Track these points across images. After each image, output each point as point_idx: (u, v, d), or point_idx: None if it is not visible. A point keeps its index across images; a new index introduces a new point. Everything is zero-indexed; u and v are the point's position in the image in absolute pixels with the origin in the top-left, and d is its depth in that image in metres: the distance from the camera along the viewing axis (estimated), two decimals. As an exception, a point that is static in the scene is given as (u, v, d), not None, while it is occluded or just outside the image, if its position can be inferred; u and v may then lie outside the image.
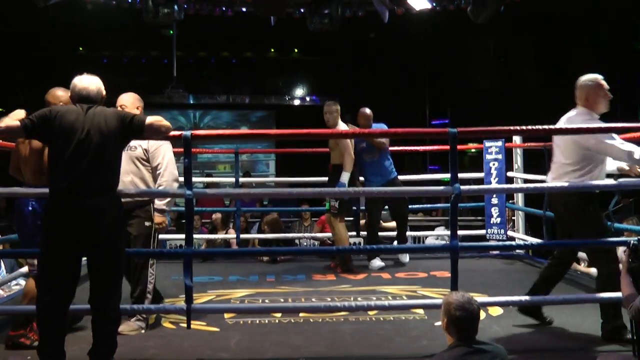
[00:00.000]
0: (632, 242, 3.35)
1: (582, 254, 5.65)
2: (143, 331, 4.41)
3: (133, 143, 4.32)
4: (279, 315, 4.73)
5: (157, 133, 3.78)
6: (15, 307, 4.52)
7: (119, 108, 4.35)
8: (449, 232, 4.45)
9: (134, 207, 4.40)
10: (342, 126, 6.50)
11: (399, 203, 6.98)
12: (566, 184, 4.45)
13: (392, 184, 6.77)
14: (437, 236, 8.75)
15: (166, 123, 3.82)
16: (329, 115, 6.48)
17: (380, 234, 7.90)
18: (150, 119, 3.73)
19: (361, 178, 6.91)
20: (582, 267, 6.65)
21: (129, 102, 4.47)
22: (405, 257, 7.02)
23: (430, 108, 13.98)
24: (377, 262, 6.71)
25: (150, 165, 4.51)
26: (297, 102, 14.99)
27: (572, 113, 4.32)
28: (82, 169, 3.44)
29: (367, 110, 6.72)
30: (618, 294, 3.57)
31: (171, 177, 4.47)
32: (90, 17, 9.75)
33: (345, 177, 6.34)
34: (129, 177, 4.41)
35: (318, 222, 8.33)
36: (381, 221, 8.53)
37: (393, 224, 8.58)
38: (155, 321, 4.63)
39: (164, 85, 11.78)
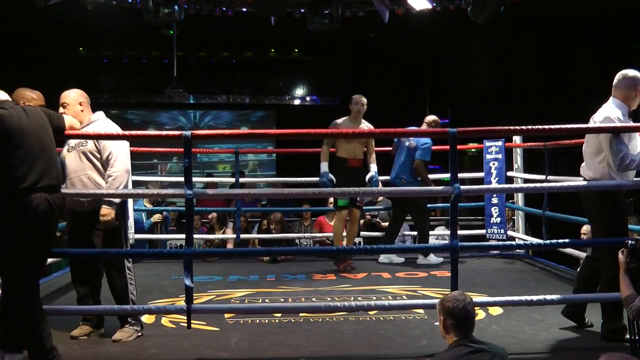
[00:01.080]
0: (629, 242, 3.34)
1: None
2: (140, 334, 4.31)
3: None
4: (279, 314, 4.73)
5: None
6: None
7: (60, 106, 4.27)
8: (448, 232, 4.44)
9: (99, 206, 4.21)
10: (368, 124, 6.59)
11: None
12: (566, 185, 4.46)
13: None
14: (437, 236, 8.74)
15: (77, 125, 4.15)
16: (360, 107, 6.53)
17: (370, 233, 8.00)
18: (67, 120, 4.03)
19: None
20: None
21: (72, 98, 4.31)
22: (435, 258, 7.00)
23: (430, 108, 13.95)
24: (435, 258, 6.83)
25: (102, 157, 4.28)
26: (297, 102, 14.97)
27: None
28: (39, 167, 3.57)
29: None
30: (609, 294, 3.58)
31: (122, 167, 4.23)
32: (90, 17, 9.72)
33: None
34: (87, 173, 4.24)
35: (316, 223, 8.29)
36: (380, 220, 8.55)
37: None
38: (155, 320, 4.63)
39: (165, 86, 11.74)
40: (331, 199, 7.66)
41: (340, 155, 6.57)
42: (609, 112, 4.13)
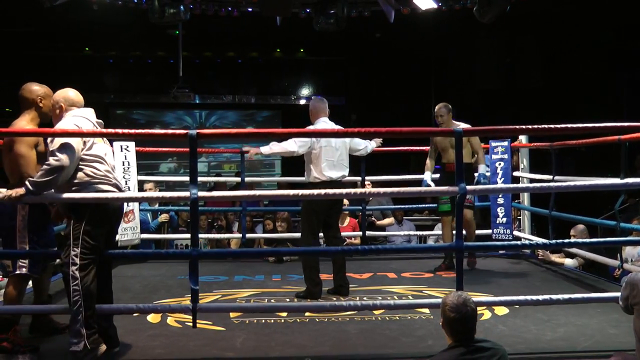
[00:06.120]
0: None
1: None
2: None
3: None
4: (284, 314, 4.74)
5: None
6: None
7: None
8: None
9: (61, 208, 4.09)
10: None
11: None
12: (572, 184, 4.44)
13: None
14: (438, 236, 8.72)
15: None
16: (439, 117, 6.37)
17: (375, 233, 7.93)
18: None
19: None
20: (555, 257, 6.71)
21: (55, 95, 4.17)
22: None
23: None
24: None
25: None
26: (302, 102, 14.98)
27: None
28: None
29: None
30: (616, 294, 3.55)
31: (60, 140, 3.85)
32: (96, 17, 9.76)
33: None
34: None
35: None
36: (375, 219, 8.51)
37: (386, 221, 8.58)
38: (161, 320, 4.64)
39: (170, 86, 11.77)
40: None
41: (442, 161, 6.54)
42: None
